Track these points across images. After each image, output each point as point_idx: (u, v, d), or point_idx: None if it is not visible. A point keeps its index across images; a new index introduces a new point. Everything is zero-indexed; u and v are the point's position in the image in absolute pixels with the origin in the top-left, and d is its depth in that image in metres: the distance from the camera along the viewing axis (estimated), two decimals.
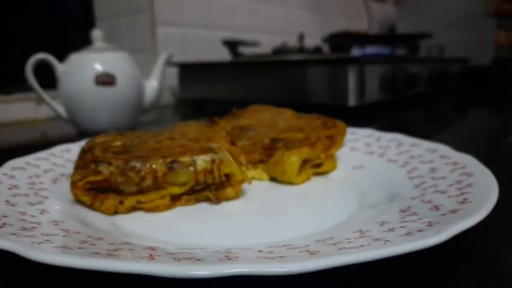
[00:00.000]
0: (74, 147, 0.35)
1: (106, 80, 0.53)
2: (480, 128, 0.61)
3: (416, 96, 0.84)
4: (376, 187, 0.29)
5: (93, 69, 0.53)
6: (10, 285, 0.18)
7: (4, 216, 0.21)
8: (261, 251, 0.18)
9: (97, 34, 0.56)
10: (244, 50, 0.90)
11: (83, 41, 0.60)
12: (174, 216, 0.26)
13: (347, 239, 0.18)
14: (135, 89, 0.57)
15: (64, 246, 0.18)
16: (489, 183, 0.22)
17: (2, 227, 0.19)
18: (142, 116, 0.62)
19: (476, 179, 0.24)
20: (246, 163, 0.29)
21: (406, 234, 0.18)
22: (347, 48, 0.73)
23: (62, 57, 0.56)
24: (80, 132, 0.57)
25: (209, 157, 0.27)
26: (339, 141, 0.34)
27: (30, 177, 0.28)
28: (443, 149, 0.31)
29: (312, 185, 0.32)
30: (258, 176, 0.33)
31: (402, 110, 0.75)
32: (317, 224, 0.23)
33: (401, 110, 0.75)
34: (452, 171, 0.26)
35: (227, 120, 0.37)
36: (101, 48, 0.56)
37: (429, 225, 0.18)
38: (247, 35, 1.03)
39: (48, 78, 0.56)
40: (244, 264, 0.15)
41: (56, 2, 0.87)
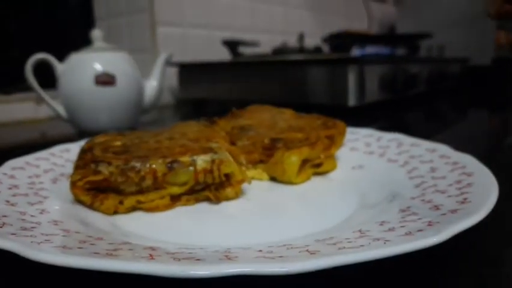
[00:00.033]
0: (74, 147, 0.35)
1: (105, 79, 0.53)
2: (480, 128, 0.61)
3: (416, 96, 0.84)
4: (376, 187, 0.29)
5: (93, 69, 0.53)
6: (10, 285, 0.18)
7: (4, 216, 0.21)
8: (260, 250, 0.18)
9: (96, 34, 0.56)
10: (244, 50, 0.90)
11: (83, 41, 0.60)
12: (174, 216, 0.26)
13: (346, 238, 0.18)
14: (135, 89, 0.57)
15: (64, 246, 0.18)
16: (489, 183, 0.22)
17: (1, 227, 0.19)
18: (142, 116, 0.62)
19: (476, 178, 0.24)
20: (246, 163, 0.30)
21: (406, 234, 0.18)
22: (347, 48, 0.73)
23: (62, 57, 0.56)
24: (80, 132, 0.57)
25: (209, 157, 0.27)
26: (339, 141, 0.34)
27: (30, 177, 0.28)
28: (443, 148, 0.31)
29: (312, 185, 0.31)
30: (258, 176, 0.33)
31: (402, 110, 0.75)
32: (317, 223, 0.23)
33: (401, 110, 0.75)
34: (452, 171, 0.26)
35: (227, 120, 0.37)
36: (101, 48, 0.56)
37: (429, 225, 0.18)
38: (247, 35, 1.03)
39: (48, 78, 0.56)
40: (244, 264, 0.15)
41: (56, 2, 0.86)
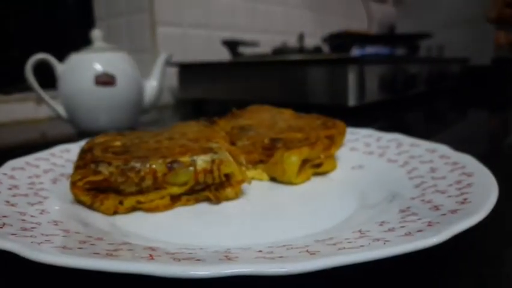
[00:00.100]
0: (74, 147, 0.35)
1: (105, 80, 0.53)
2: (480, 128, 0.61)
3: (415, 96, 0.84)
4: (376, 187, 0.29)
5: (93, 69, 0.53)
6: (10, 285, 0.18)
7: (4, 216, 0.21)
8: (260, 251, 0.18)
9: (96, 34, 0.57)
10: (244, 50, 0.90)
11: (83, 41, 0.60)
12: (174, 216, 0.26)
13: (346, 239, 0.18)
14: (135, 89, 0.57)
15: (64, 247, 0.18)
16: (489, 183, 0.22)
17: (1, 227, 0.19)
18: (142, 116, 0.62)
19: (476, 179, 0.24)
20: (245, 163, 0.29)
21: (406, 234, 0.18)
22: (346, 48, 0.73)
23: (61, 57, 0.56)
24: (79, 132, 0.57)
25: (209, 157, 0.27)
26: (339, 141, 0.34)
27: (30, 177, 0.28)
28: (443, 149, 0.31)
29: (312, 185, 0.31)
30: (257, 176, 0.33)
31: (402, 110, 0.75)
32: (317, 224, 0.23)
33: (400, 110, 0.75)
34: (452, 171, 0.26)
35: (227, 120, 0.37)
36: (101, 48, 0.56)
37: (429, 225, 0.18)
38: (247, 35, 1.02)
39: (48, 78, 0.56)
40: (244, 264, 0.15)
41: (56, 2, 0.86)
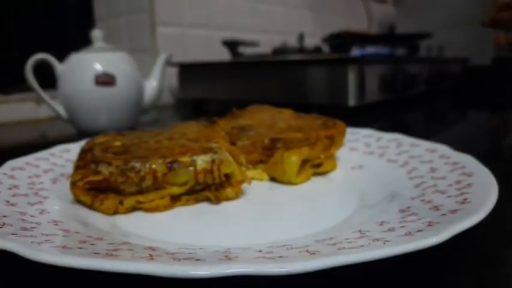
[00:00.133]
0: (74, 147, 0.35)
1: (105, 80, 0.53)
2: (480, 128, 0.61)
3: (415, 96, 0.84)
4: (376, 187, 0.29)
5: (93, 69, 0.53)
6: (10, 285, 0.18)
7: (4, 216, 0.21)
8: (260, 251, 0.18)
9: (96, 34, 0.56)
10: (244, 50, 0.90)
11: (83, 41, 0.60)
12: (174, 216, 0.26)
13: (346, 239, 0.18)
14: (135, 89, 0.57)
15: (64, 246, 0.18)
16: (489, 183, 0.22)
17: (1, 227, 0.19)
18: (142, 116, 0.62)
19: (475, 179, 0.24)
20: (245, 163, 0.29)
21: (406, 234, 0.18)
22: (346, 48, 0.73)
23: (61, 57, 0.56)
24: (79, 132, 0.57)
25: (209, 157, 0.27)
26: (339, 141, 0.34)
27: (30, 177, 0.28)
28: (443, 149, 0.31)
29: (312, 185, 0.31)
30: (257, 176, 0.33)
31: (402, 110, 0.75)
32: (317, 224, 0.23)
33: (400, 110, 0.75)
34: (452, 171, 0.26)
35: (227, 120, 0.37)
36: (101, 48, 0.56)
37: (429, 225, 0.18)
38: (247, 35, 1.03)
39: (48, 78, 0.56)
40: (244, 264, 0.15)
41: (56, 2, 0.86)
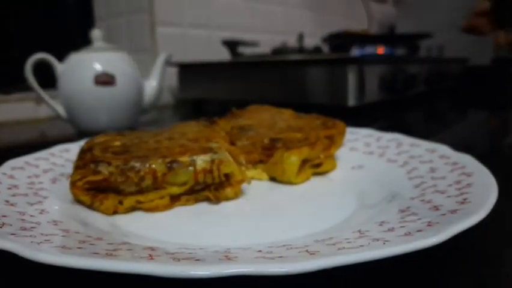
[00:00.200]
0: (74, 147, 0.35)
1: (105, 79, 0.53)
2: (480, 128, 0.61)
3: (415, 96, 0.84)
4: (375, 187, 0.29)
5: (92, 69, 0.53)
6: (10, 285, 0.18)
7: (3, 216, 0.21)
8: (260, 251, 0.18)
9: (96, 34, 0.56)
10: (244, 50, 0.90)
11: (83, 41, 0.60)
12: (174, 216, 0.26)
13: (346, 239, 0.18)
14: (134, 89, 0.57)
15: (63, 246, 0.18)
16: (488, 183, 0.22)
17: (1, 227, 0.19)
18: (142, 116, 0.62)
19: (475, 179, 0.24)
20: (245, 163, 0.29)
21: (406, 234, 0.18)
22: (346, 48, 0.73)
23: (61, 57, 0.56)
24: (79, 132, 0.57)
25: (208, 157, 0.27)
26: (339, 141, 0.34)
27: (29, 177, 0.28)
28: (443, 149, 0.31)
29: (312, 185, 0.31)
30: (257, 176, 0.33)
31: (402, 110, 0.75)
32: (317, 224, 0.23)
33: (400, 110, 0.75)
34: (452, 171, 0.26)
35: (226, 120, 0.37)
36: (101, 48, 0.56)
37: (428, 225, 0.18)
38: (246, 35, 1.02)
39: (47, 78, 0.55)
40: (244, 264, 0.15)
41: (56, 2, 0.86)
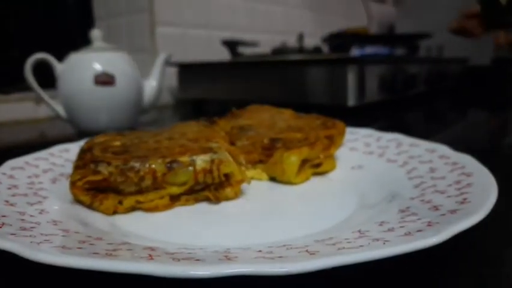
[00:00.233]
0: (73, 147, 0.35)
1: (105, 79, 0.53)
2: (479, 128, 0.61)
3: (415, 96, 0.84)
4: (375, 187, 0.29)
5: (92, 69, 0.53)
6: (10, 285, 0.18)
7: (3, 216, 0.21)
8: (260, 251, 0.18)
9: (96, 34, 0.56)
10: (244, 50, 0.90)
11: (83, 41, 0.60)
12: (173, 216, 0.26)
13: (346, 239, 0.18)
14: (134, 89, 0.57)
15: (63, 246, 0.18)
16: (488, 183, 0.22)
17: (1, 227, 0.19)
18: (141, 116, 0.62)
19: (475, 179, 0.24)
20: (245, 163, 0.29)
21: (405, 234, 0.18)
22: (346, 48, 0.73)
23: (61, 57, 0.56)
24: (79, 132, 0.57)
25: (208, 157, 0.27)
26: (339, 141, 0.34)
27: (29, 177, 0.28)
28: (443, 149, 0.31)
29: (312, 185, 0.31)
30: (257, 176, 0.33)
31: (402, 110, 0.75)
32: (316, 224, 0.23)
33: (400, 110, 0.75)
34: (452, 171, 0.26)
35: (226, 120, 0.37)
36: (101, 48, 0.56)
37: (428, 225, 0.18)
38: (246, 35, 1.02)
39: (47, 78, 0.55)
40: (244, 264, 0.15)
41: (55, 2, 0.86)
